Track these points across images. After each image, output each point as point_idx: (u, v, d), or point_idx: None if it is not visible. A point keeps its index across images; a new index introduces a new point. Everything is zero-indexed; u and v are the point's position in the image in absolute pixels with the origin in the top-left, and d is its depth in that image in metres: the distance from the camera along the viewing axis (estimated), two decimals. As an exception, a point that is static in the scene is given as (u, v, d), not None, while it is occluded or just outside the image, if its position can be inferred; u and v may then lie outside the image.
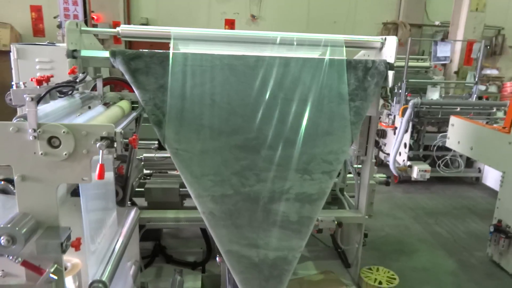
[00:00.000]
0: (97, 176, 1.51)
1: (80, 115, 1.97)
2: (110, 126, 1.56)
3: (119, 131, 1.57)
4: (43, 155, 1.52)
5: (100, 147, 1.52)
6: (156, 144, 3.38)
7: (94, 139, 1.54)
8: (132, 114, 2.26)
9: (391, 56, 2.60)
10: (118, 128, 1.62)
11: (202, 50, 2.50)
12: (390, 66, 2.59)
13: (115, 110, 2.13)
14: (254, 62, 2.45)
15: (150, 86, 2.33)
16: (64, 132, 1.51)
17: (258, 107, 2.40)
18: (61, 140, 1.52)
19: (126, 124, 2.02)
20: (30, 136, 1.49)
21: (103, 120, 1.91)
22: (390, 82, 2.58)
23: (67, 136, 1.52)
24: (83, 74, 2.12)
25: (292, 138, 2.38)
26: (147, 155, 3.42)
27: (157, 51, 2.37)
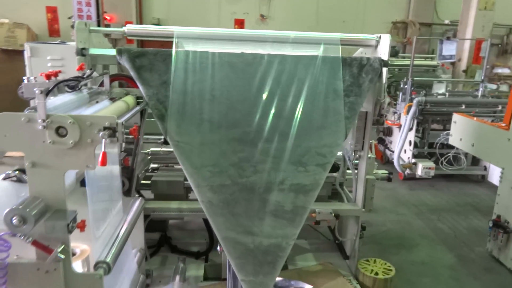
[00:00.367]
0: (99, 162, 1.65)
1: (87, 109, 2.12)
2: (112, 117, 1.70)
3: (120, 122, 1.71)
4: (51, 143, 1.67)
5: (103, 136, 1.66)
6: (162, 139, 3.54)
7: (97, 129, 1.68)
8: (136, 108, 2.40)
9: (385, 54, 2.70)
10: (120, 120, 1.76)
11: (204, 48, 2.63)
12: (384, 63, 2.69)
13: (120, 104, 2.28)
14: (252, 59, 2.58)
15: (154, 82, 2.47)
16: (70, 123, 1.65)
17: (255, 102, 2.52)
18: (67, 129, 1.67)
19: (129, 116, 2.16)
20: (39, 126, 1.64)
21: (108, 113, 2.05)
22: (384, 79, 2.68)
23: (73, 126, 1.66)
24: (90, 71, 2.27)
25: (288, 132, 2.49)
26: (154, 149, 3.58)
27: (160, 49, 2.51)
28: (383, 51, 2.73)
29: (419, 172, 5.54)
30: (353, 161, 3.25)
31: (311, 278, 3.04)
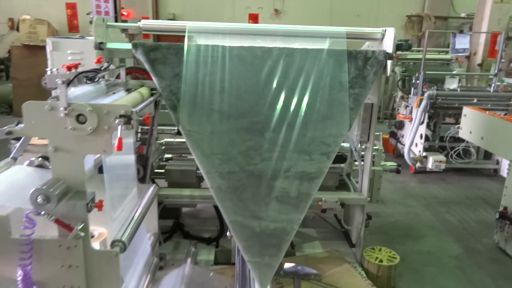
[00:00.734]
0: (116, 147, 1.79)
1: (104, 99, 2.27)
2: (127, 106, 1.83)
3: (135, 110, 1.84)
4: (72, 129, 1.81)
5: (119, 123, 1.80)
6: (176, 130, 3.69)
7: (114, 117, 1.82)
8: (150, 99, 2.55)
9: (390, 47, 2.77)
10: (135, 109, 1.90)
11: (215, 42, 2.76)
12: (389, 56, 2.76)
13: (135, 95, 2.42)
14: (260, 52, 2.69)
15: (167, 75, 2.62)
16: (89, 111, 1.79)
17: (263, 93, 2.64)
18: (86, 117, 1.81)
19: (143, 106, 2.31)
20: (61, 114, 1.79)
21: (123, 102, 2.19)
22: (389, 71, 2.76)
23: (92, 114, 1.80)
24: (107, 64, 2.41)
25: (294, 122, 2.60)
26: (168, 140, 3.74)
27: (173, 43, 2.65)
28: (388, 44, 2.80)
29: (430, 165, 5.58)
30: (359, 152, 3.34)
31: (318, 264, 3.16)
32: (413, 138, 5.48)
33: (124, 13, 9.11)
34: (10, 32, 9.87)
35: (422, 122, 5.54)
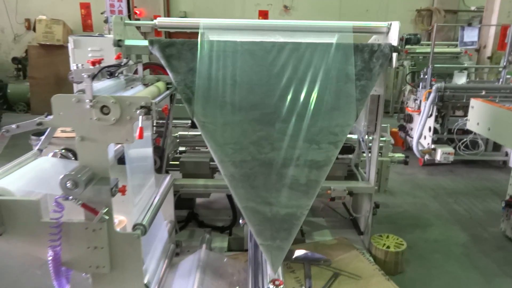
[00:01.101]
0: (137, 136, 1.94)
1: (124, 93, 2.43)
2: (147, 97, 1.98)
3: (154, 101, 1.99)
4: (97, 120, 1.96)
5: (140, 113, 1.94)
6: (190, 123, 3.86)
7: (135, 108, 1.96)
8: (166, 92, 2.70)
9: (395, 40, 2.88)
10: (154, 100, 2.04)
11: (227, 38, 2.89)
12: (394, 49, 2.87)
13: (152, 89, 2.57)
14: (270, 47, 2.83)
15: (182, 69, 2.77)
16: (113, 102, 1.94)
17: (273, 86, 2.78)
18: (110, 108, 1.95)
19: (160, 99, 2.46)
20: (87, 105, 1.94)
21: (143, 95, 2.34)
22: (394, 63, 2.87)
23: (115, 105, 1.95)
24: (126, 59, 2.57)
25: (303, 113, 2.73)
26: (182, 133, 3.89)
27: (187, 39, 2.80)
28: (394, 37, 2.91)
29: (438, 157, 5.64)
30: (366, 143, 3.45)
31: (327, 250, 3.29)
32: (421, 131, 5.54)
33: (136, 11, 9.30)
34: (27, 32, 10.14)
35: (431, 115, 5.60)
